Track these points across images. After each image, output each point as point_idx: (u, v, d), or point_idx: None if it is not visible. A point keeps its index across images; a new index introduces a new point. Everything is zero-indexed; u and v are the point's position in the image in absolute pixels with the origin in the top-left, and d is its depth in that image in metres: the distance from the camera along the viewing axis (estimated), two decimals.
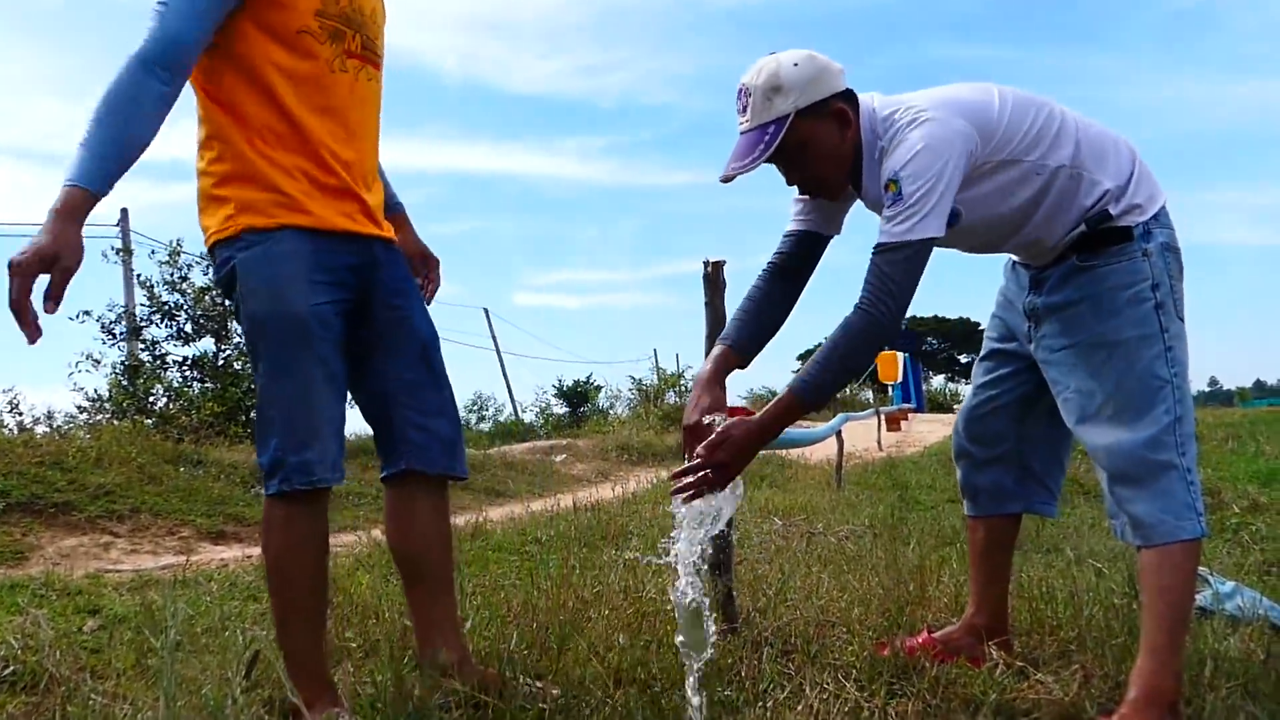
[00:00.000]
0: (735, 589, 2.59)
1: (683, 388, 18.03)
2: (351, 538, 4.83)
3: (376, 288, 1.98)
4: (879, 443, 12.13)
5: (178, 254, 10.74)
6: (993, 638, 2.29)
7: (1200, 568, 3.03)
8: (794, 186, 2.07)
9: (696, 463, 1.89)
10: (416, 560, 2.04)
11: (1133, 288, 1.94)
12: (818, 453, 9.11)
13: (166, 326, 10.68)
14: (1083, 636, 2.37)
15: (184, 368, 10.62)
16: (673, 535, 1.91)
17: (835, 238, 2.22)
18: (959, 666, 2.17)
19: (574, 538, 4.35)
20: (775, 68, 1.92)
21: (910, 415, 17.55)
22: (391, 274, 2.01)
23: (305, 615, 1.89)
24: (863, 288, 1.87)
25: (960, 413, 2.39)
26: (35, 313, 1.60)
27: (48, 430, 8.78)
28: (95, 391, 10.23)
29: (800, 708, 1.98)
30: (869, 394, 20.95)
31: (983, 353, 2.35)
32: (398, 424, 2.01)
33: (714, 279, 2.66)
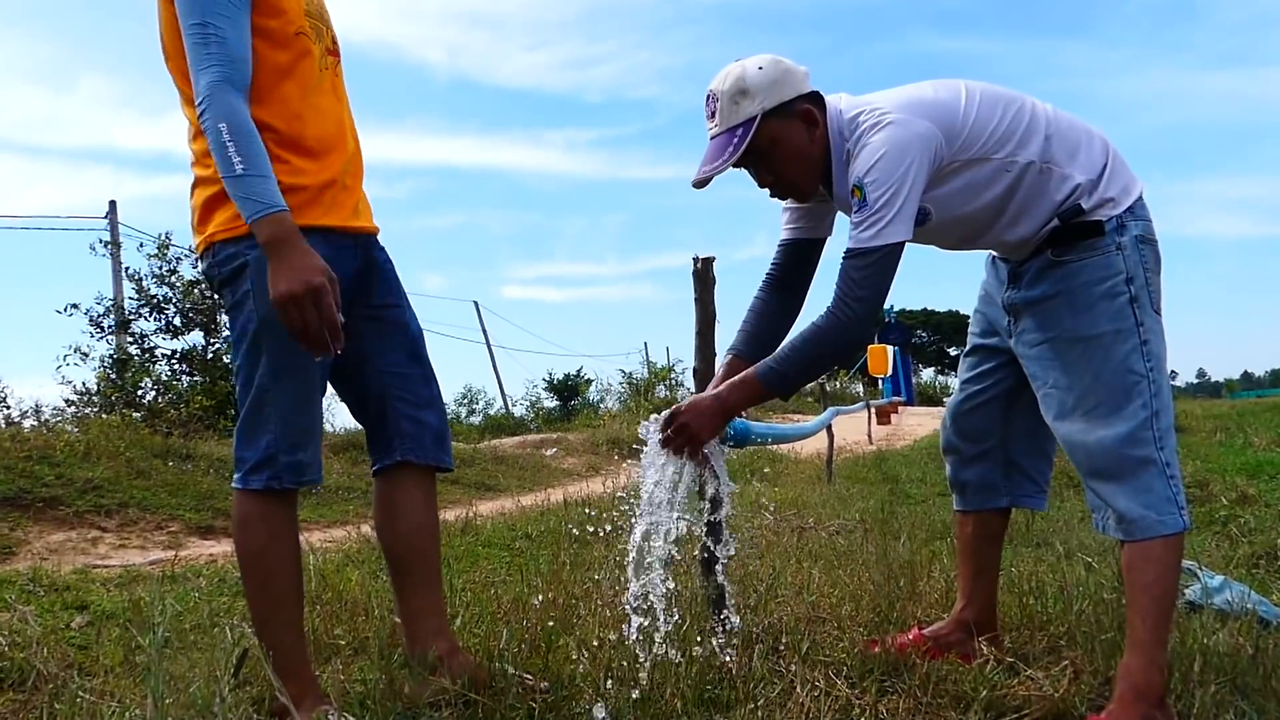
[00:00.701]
0: (727, 586, 2.58)
1: (673, 381, 18.04)
2: (340, 532, 4.82)
3: (371, 286, 2.00)
4: (869, 436, 12.15)
5: (166, 247, 10.71)
6: (982, 632, 2.30)
7: (1189, 561, 3.05)
8: (765, 189, 2.09)
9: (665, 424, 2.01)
10: (406, 552, 2.05)
11: (1106, 282, 1.94)
12: (808, 446, 9.13)
13: (155, 320, 10.65)
14: (1072, 632, 2.38)
15: (172, 361, 10.59)
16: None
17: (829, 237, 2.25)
18: (949, 663, 2.17)
19: (564, 533, 4.35)
20: (741, 72, 1.96)
21: (900, 408, 17.60)
22: (384, 272, 2.04)
23: (286, 611, 1.91)
24: (834, 292, 1.91)
25: (947, 408, 2.40)
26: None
27: (35, 424, 8.72)
28: (83, 385, 10.20)
29: (791, 705, 1.98)
30: (859, 387, 20.99)
31: (967, 348, 2.36)
32: (391, 417, 2.03)
33: (704, 275, 2.65)
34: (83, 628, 2.82)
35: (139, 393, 9.88)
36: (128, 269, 10.98)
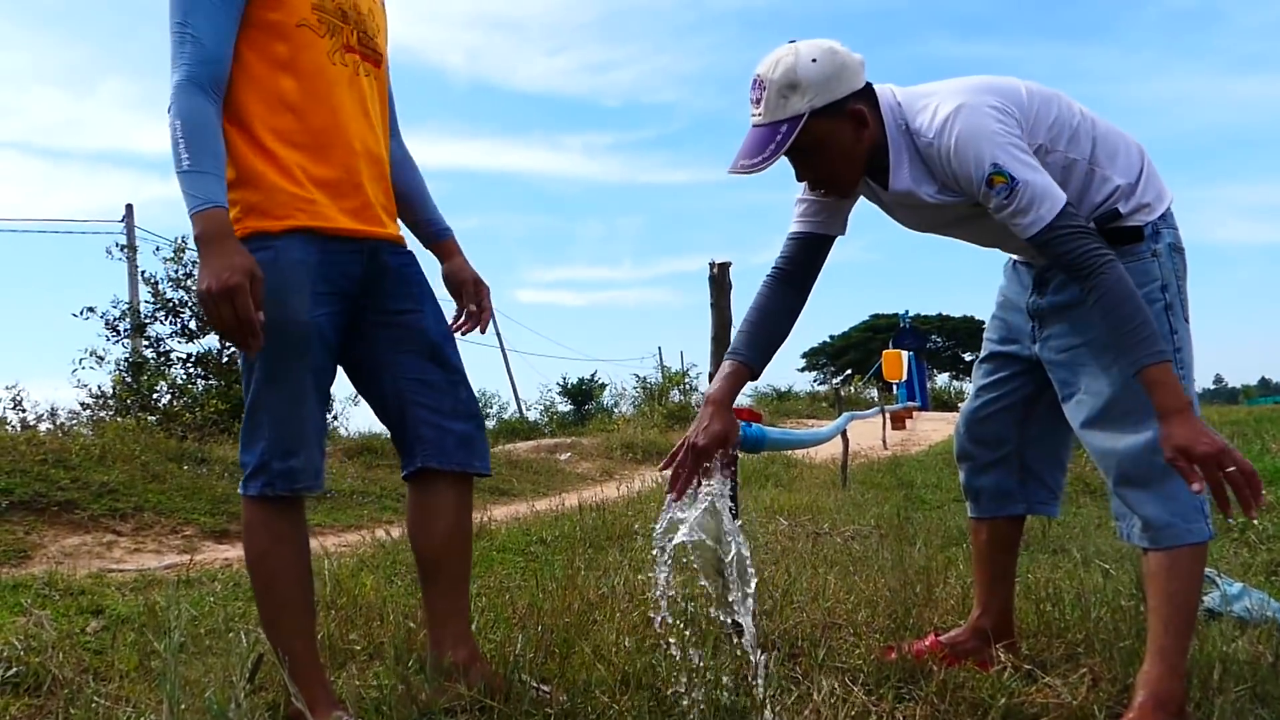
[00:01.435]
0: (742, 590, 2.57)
1: (688, 386, 18.03)
2: (356, 537, 4.83)
3: (381, 292, 1.98)
4: (884, 441, 12.10)
5: (183, 250, 10.77)
6: (999, 640, 2.28)
7: (1208, 569, 3.02)
8: (803, 182, 2.03)
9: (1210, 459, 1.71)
10: (435, 557, 2.05)
11: (1142, 289, 1.92)
12: (822, 452, 9.09)
13: (171, 323, 10.71)
14: (1090, 639, 2.36)
15: (188, 365, 10.64)
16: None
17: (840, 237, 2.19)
18: (966, 670, 2.15)
19: (579, 538, 4.34)
20: (793, 62, 1.86)
21: (915, 413, 17.53)
22: (400, 276, 2.01)
23: (293, 615, 1.90)
24: (1072, 268, 1.80)
25: (961, 415, 2.37)
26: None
27: (51, 427, 8.78)
28: (99, 388, 10.27)
29: (807, 712, 1.97)
30: (874, 392, 20.94)
31: (983, 354, 2.33)
32: (411, 422, 2.01)
33: (720, 280, 2.65)
34: (98, 632, 2.82)
35: (154, 396, 9.94)
36: (144, 273, 11.06)
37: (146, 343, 10.71)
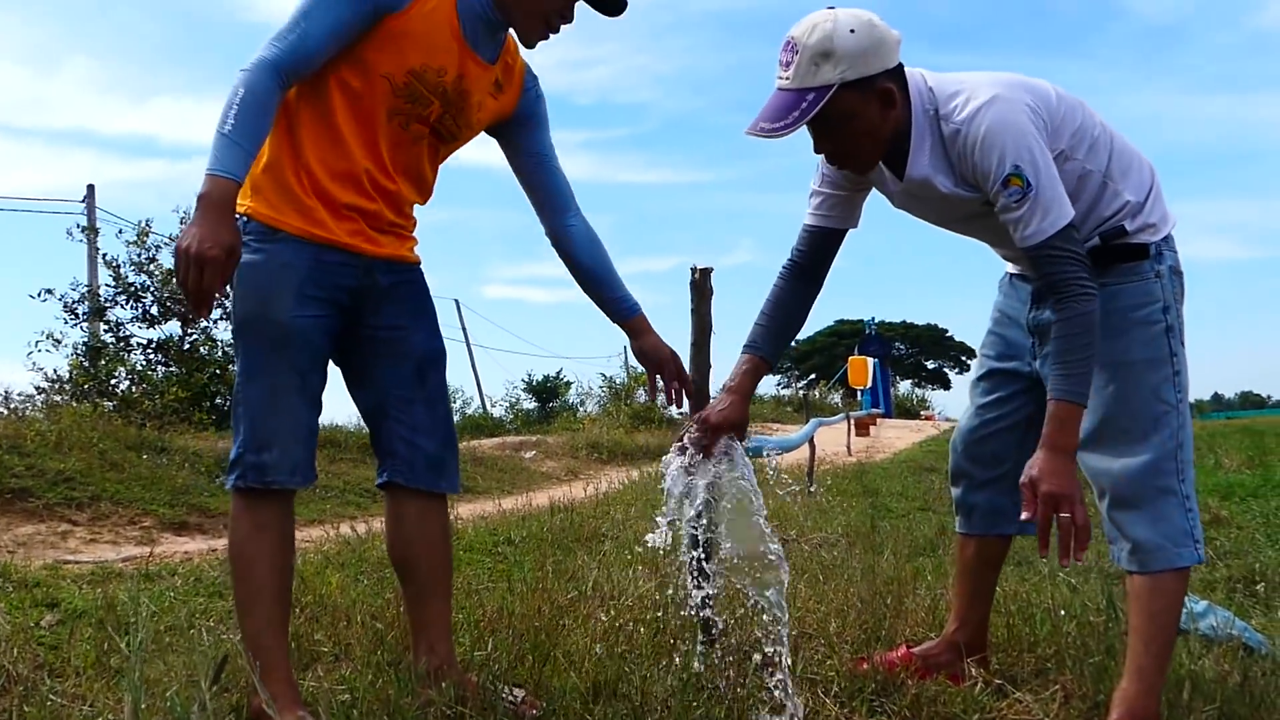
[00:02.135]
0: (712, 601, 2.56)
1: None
2: (319, 532, 4.76)
3: (375, 306, 2.00)
4: (848, 448, 12.17)
5: (146, 234, 10.54)
6: (971, 654, 2.28)
7: None
8: (820, 155, 1.98)
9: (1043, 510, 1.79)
10: (404, 564, 2.10)
11: (1145, 309, 1.92)
12: (789, 457, 9.12)
13: (132, 308, 10.49)
14: (1061, 654, 2.38)
15: (148, 351, 10.43)
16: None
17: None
18: (939, 684, 2.16)
19: (547, 540, 4.31)
20: (830, 29, 1.80)
21: (879, 420, 17.66)
22: (393, 295, 2.02)
23: (264, 605, 1.91)
24: (1052, 288, 1.82)
25: (958, 432, 2.35)
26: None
27: (4, 411, 8.56)
28: (55, 372, 10.02)
29: None
30: (837, 398, 21.07)
31: (980, 372, 2.30)
32: (385, 436, 2.06)
33: (700, 286, 2.62)
34: (53, 626, 2.75)
35: (112, 382, 9.73)
36: (105, 255, 10.82)
37: (106, 327, 10.48)
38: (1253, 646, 2.57)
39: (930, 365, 50.37)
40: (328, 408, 2.04)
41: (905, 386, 40.57)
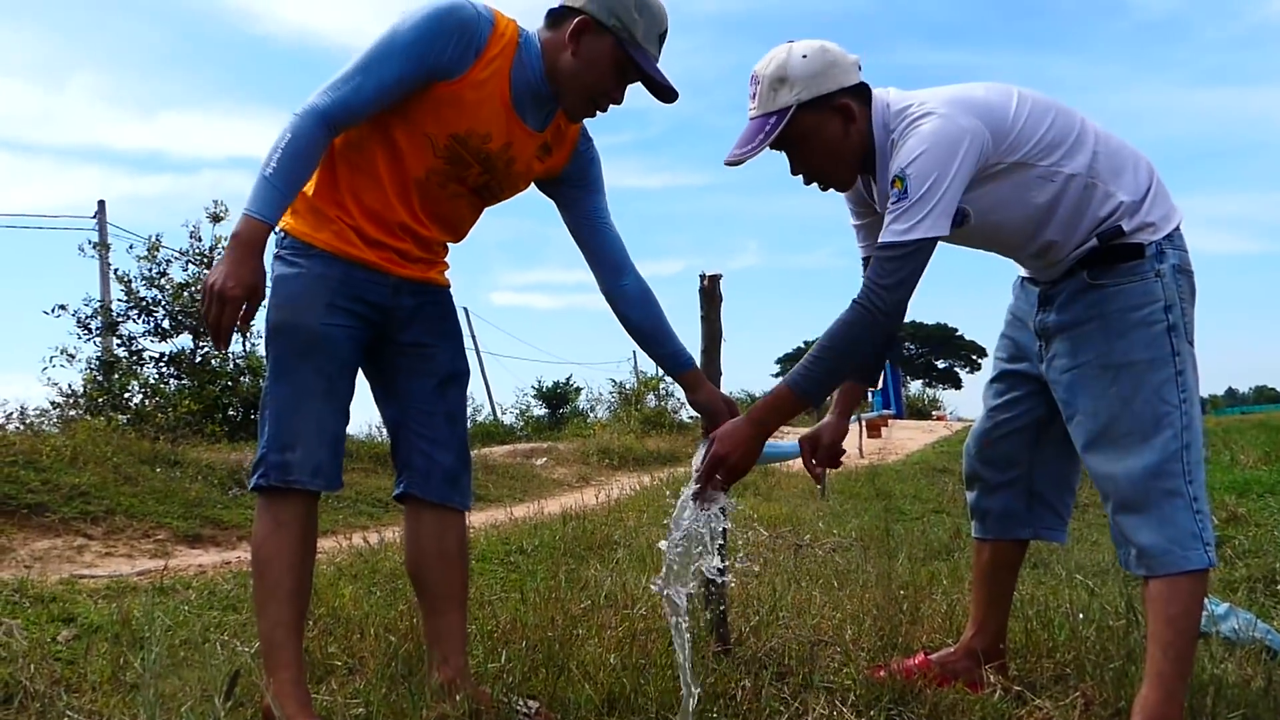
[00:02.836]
0: (726, 608, 2.55)
1: (663, 391, 17.97)
2: (331, 543, 4.76)
3: (404, 324, 2.05)
4: (860, 450, 12.14)
5: (157, 249, 10.62)
6: (989, 660, 2.26)
7: None
8: (798, 176, 2.07)
9: (704, 467, 1.94)
10: (420, 576, 2.13)
11: (1145, 309, 1.91)
12: (799, 461, 9.10)
13: (144, 322, 10.55)
14: (1080, 660, 2.35)
15: (160, 364, 10.49)
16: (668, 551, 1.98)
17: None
18: (957, 691, 2.14)
19: (560, 549, 4.30)
20: (785, 58, 1.96)
21: (890, 421, 17.58)
22: (419, 314, 2.07)
23: (280, 604, 1.93)
24: (862, 283, 1.89)
25: (972, 435, 2.34)
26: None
27: (20, 426, 8.61)
28: (69, 386, 10.09)
29: None
30: None
31: (993, 374, 2.30)
32: (404, 449, 2.10)
33: (710, 293, 2.62)
34: (69, 641, 2.75)
35: (126, 395, 9.78)
36: (116, 270, 10.88)
37: (118, 341, 10.55)
38: (1276, 649, 2.53)
39: (941, 365, 50.22)
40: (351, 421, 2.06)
41: (916, 387, 40.48)
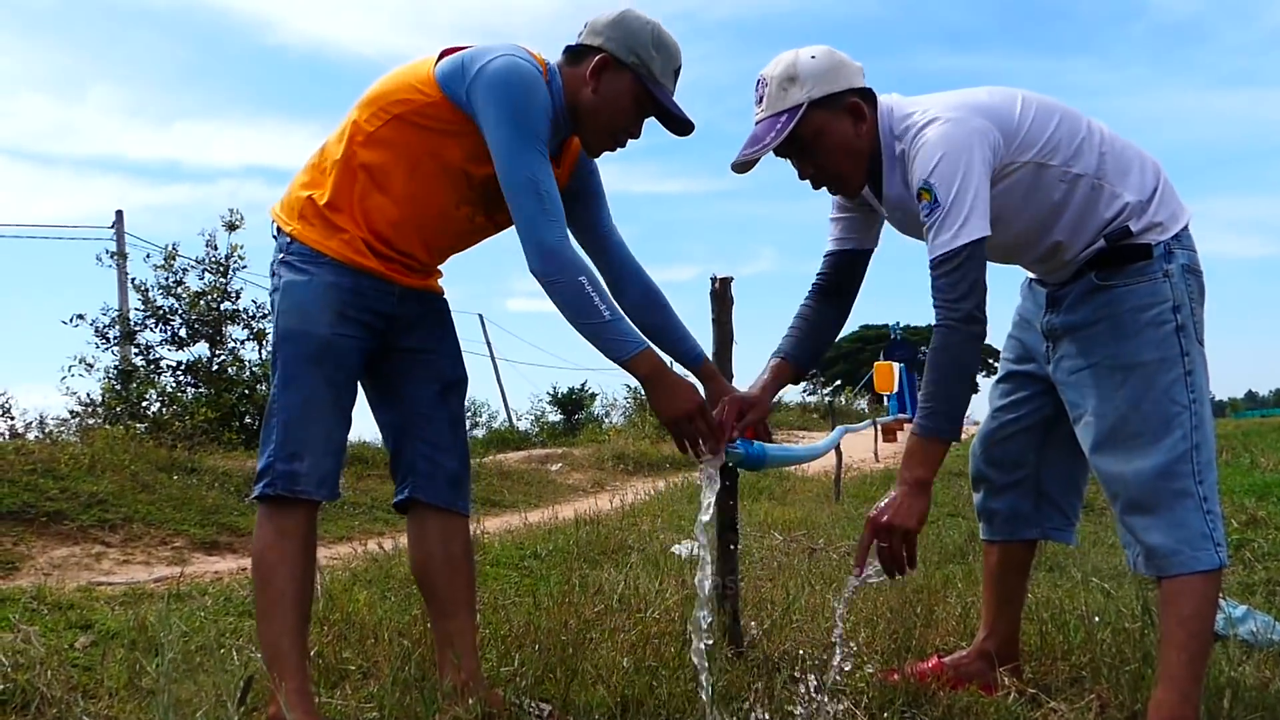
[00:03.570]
0: (740, 610, 2.54)
1: None
2: (346, 549, 4.78)
3: (406, 329, 2.07)
4: (876, 454, 12.10)
5: (173, 258, 10.69)
6: (1004, 663, 2.25)
7: None
8: (806, 180, 2.05)
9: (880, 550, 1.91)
10: (427, 580, 2.13)
11: (1153, 309, 1.91)
12: (815, 465, 9.08)
13: (161, 331, 10.62)
14: (1095, 662, 2.33)
15: (178, 372, 10.56)
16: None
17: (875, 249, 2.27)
18: (971, 694, 2.13)
19: (573, 553, 4.30)
20: (793, 59, 1.96)
21: (906, 425, 17.53)
22: (422, 319, 2.10)
23: (284, 613, 1.93)
24: (934, 306, 1.87)
25: (978, 436, 2.34)
26: None
27: (40, 435, 8.69)
28: (88, 395, 10.17)
29: None
30: (863, 404, 20.94)
31: (1000, 374, 2.30)
32: (408, 454, 2.10)
33: (722, 295, 2.62)
34: (87, 648, 2.77)
35: (143, 404, 9.85)
36: (134, 279, 10.97)
37: (136, 350, 10.63)
38: None
39: None
40: (356, 426, 2.10)
41: None
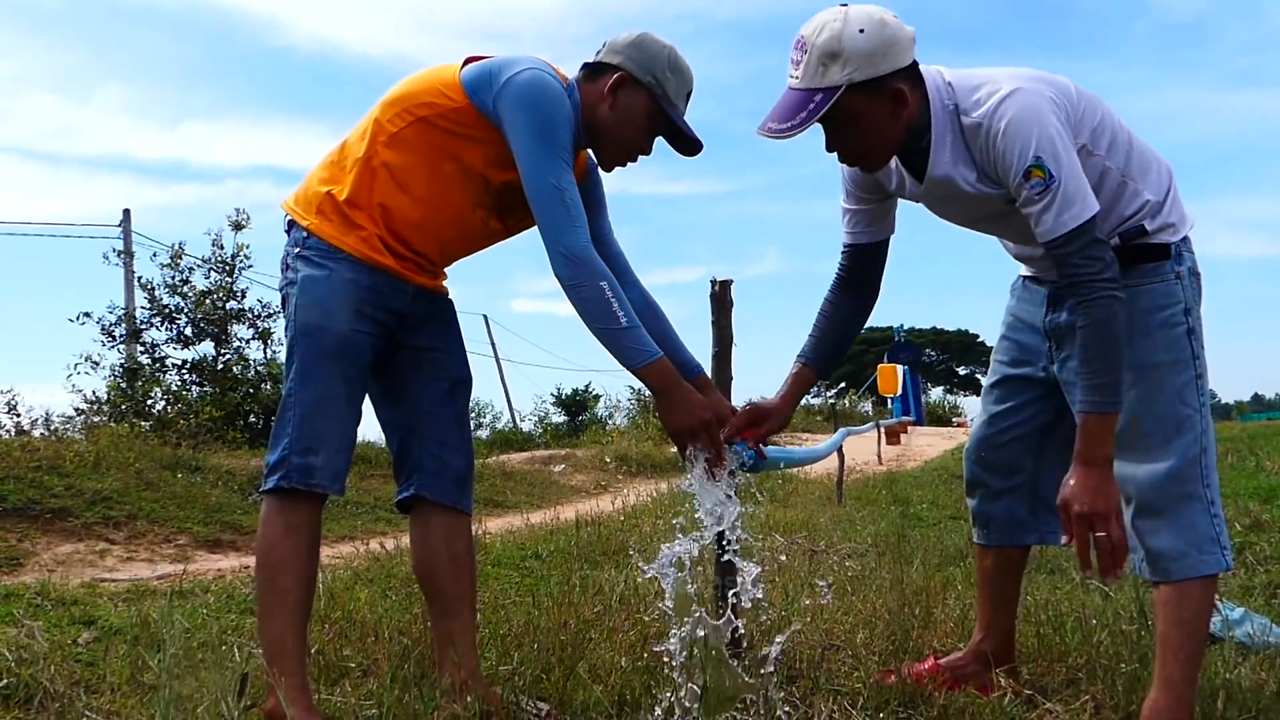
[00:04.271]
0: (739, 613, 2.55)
1: None
2: (349, 548, 4.80)
3: (415, 328, 2.10)
4: (879, 456, 12.10)
5: (179, 257, 10.73)
6: (1000, 664, 2.26)
7: None
8: (832, 153, 1.95)
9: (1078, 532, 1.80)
10: (429, 579, 2.15)
11: (1166, 310, 1.89)
12: (817, 467, 9.08)
13: (166, 329, 10.66)
14: (1091, 664, 2.34)
15: (183, 371, 10.60)
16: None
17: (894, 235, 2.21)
18: (967, 695, 2.14)
19: (574, 554, 4.32)
20: (839, 29, 1.76)
21: (910, 428, 17.54)
22: (432, 318, 2.13)
23: (289, 610, 1.95)
24: (1074, 286, 1.78)
25: (972, 441, 2.33)
26: None
27: (45, 432, 8.72)
28: (93, 393, 10.20)
29: None
30: (868, 407, 20.93)
31: (994, 378, 2.27)
32: (415, 452, 2.12)
33: (721, 298, 2.62)
34: (90, 644, 2.79)
35: (149, 402, 9.89)
36: (140, 278, 11.01)
37: (141, 349, 10.66)
38: None
39: (962, 371, 49.88)
40: (361, 425, 2.09)
41: (937, 393, 40.27)
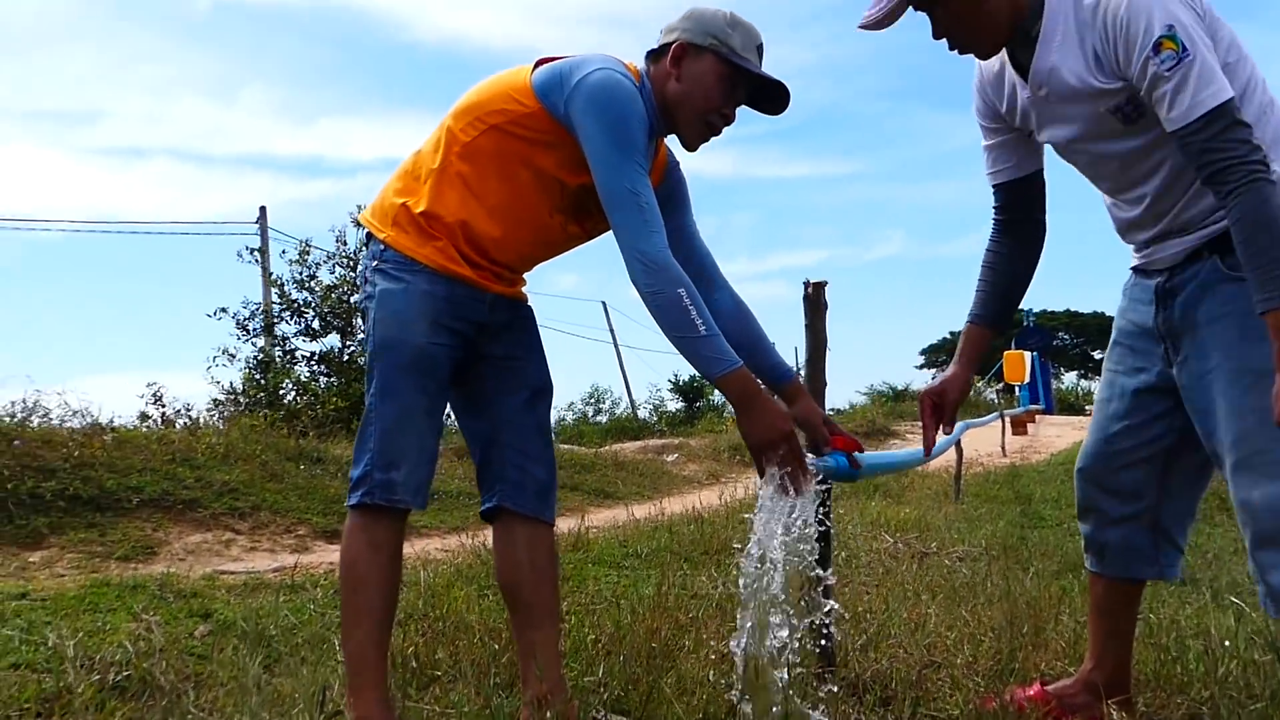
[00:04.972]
0: (833, 624, 2.47)
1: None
2: (457, 541, 4.90)
3: (494, 337, 2.08)
4: (1003, 448, 11.61)
5: (307, 253, 11.21)
6: (1112, 695, 2.10)
7: None
8: (940, 40, 1.84)
9: None
10: (512, 589, 2.14)
11: None
12: (936, 461, 8.79)
13: (295, 323, 11.15)
14: (1215, 700, 2.16)
15: (311, 362, 11.07)
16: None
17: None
18: None
19: (674, 552, 4.28)
20: None
21: (1038, 418, 16.76)
22: (512, 327, 2.12)
23: (371, 624, 1.97)
24: (1218, 176, 1.60)
25: (1086, 459, 2.12)
26: None
27: (187, 423, 9.24)
28: (230, 384, 10.76)
29: None
30: (993, 395, 20.13)
31: (1111, 390, 2.07)
32: (497, 462, 2.11)
33: (815, 300, 2.53)
34: (205, 637, 2.92)
35: (280, 393, 10.37)
36: (271, 274, 11.56)
37: (273, 341, 11.19)
38: None
39: (1098, 355, 47.50)
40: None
41: (1070, 379, 38.50)
